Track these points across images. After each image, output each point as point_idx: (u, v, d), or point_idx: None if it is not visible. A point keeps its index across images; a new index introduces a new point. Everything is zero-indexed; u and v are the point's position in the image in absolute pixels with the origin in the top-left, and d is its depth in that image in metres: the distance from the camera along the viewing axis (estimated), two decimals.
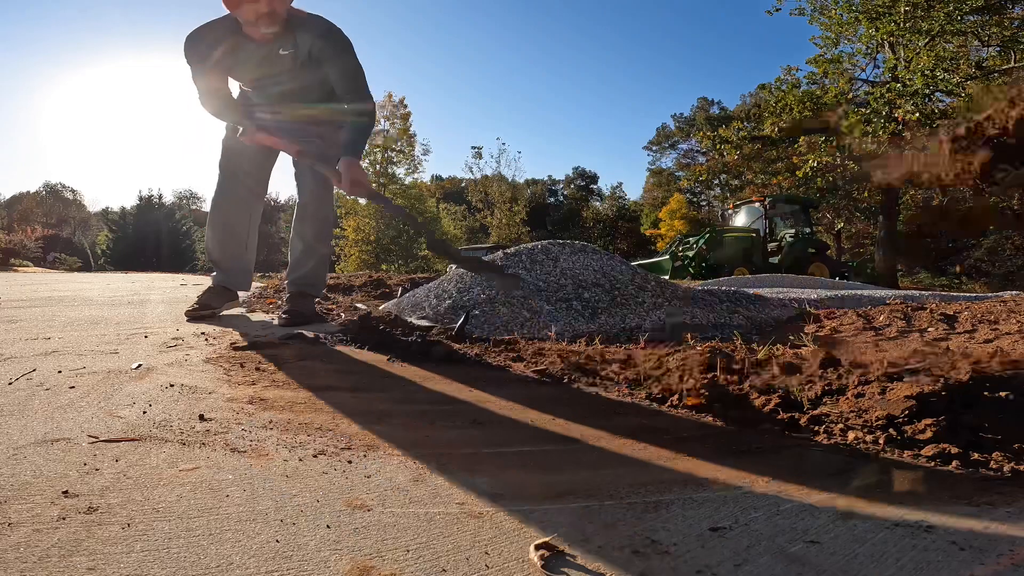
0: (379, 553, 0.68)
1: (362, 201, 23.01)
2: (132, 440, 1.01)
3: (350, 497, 0.83)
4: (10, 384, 1.33)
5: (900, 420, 1.15)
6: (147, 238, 25.73)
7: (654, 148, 42.70)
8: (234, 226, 2.39)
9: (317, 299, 2.58)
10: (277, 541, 0.70)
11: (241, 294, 2.70)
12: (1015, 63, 11.78)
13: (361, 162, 2.09)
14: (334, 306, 3.14)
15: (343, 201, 22.15)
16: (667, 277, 9.26)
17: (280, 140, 2.22)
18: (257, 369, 1.56)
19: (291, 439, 1.05)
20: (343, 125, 2.28)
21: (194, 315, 2.36)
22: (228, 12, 1.98)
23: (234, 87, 2.31)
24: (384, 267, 21.10)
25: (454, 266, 3.16)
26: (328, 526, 0.74)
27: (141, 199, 28.64)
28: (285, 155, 2.39)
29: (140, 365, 1.54)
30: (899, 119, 11.90)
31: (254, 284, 4.58)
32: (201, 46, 2.03)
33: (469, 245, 22.10)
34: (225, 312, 2.48)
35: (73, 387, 1.32)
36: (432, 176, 41.06)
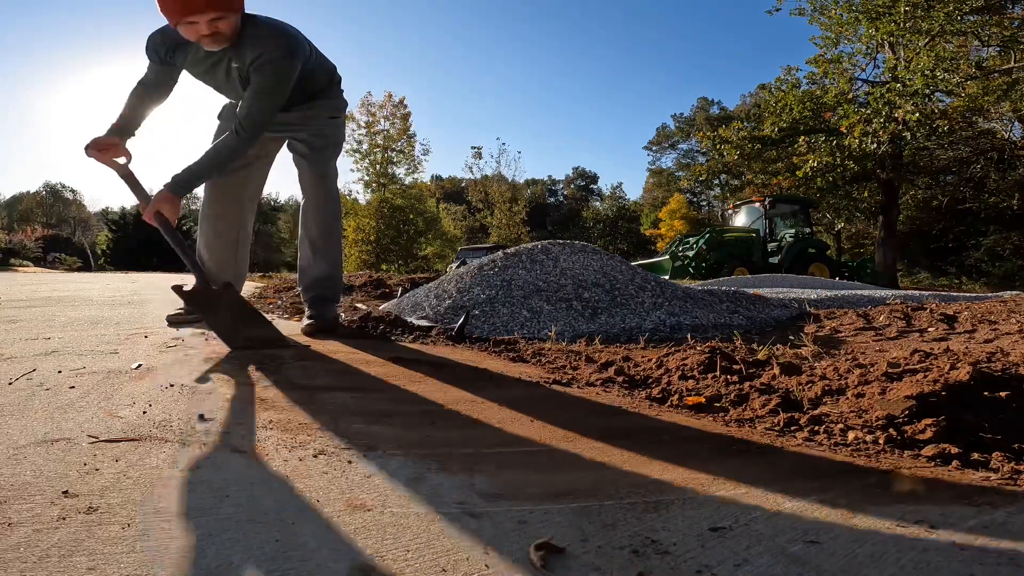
0: (379, 553, 0.68)
1: (362, 201, 23.03)
2: (132, 440, 1.01)
3: (350, 497, 0.83)
4: (10, 384, 1.33)
5: (900, 420, 1.15)
6: (147, 238, 25.72)
7: (654, 148, 42.78)
8: (223, 228, 2.22)
9: (339, 304, 2.40)
10: (277, 541, 0.70)
11: None
12: (1015, 63, 11.79)
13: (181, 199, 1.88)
14: None
15: (343, 201, 22.14)
16: (667, 277, 9.26)
17: (112, 161, 1.98)
18: (257, 369, 1.56)
19: (291, 439, 1.05)
20: (335, 115, 2.19)
21: (176, 321, 2.21)
22: None
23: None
24: (384, 267, 21.11)
25: (454, 265, 3.11)
26: (328, 526, 0.74)
27: None
28: (284, 153, 2.29)
29: (140, 365, 1.54)
30: (899, 119, 11.90)
31: (255, 284, 4.58)
32: (150, 45, 1.94)
33: (469, 245, 22.12)
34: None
35: (73, 387, 1.32)
36: (432, 176, 41.19)
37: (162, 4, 1.71)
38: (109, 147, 1.99)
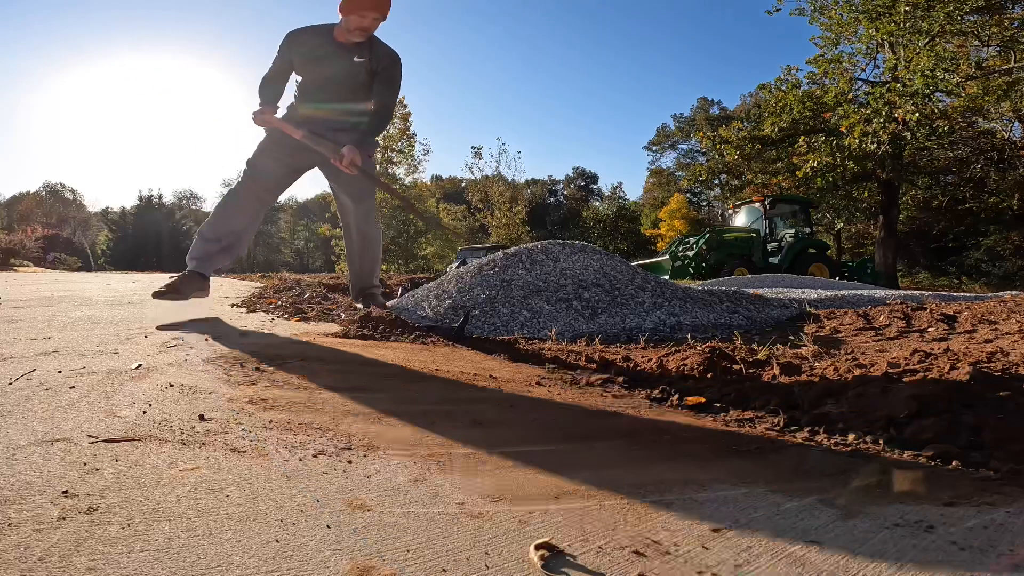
0: (379, 553, 0.68)
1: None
2: (132, 440, 1.01)
3: (350, 497, 0.83)
4: (10, 384, 1.33)
5: (900, 420, 1.15)
6: (147, 238, 25.75)
7: (654, 148, 42.78)
8: (235, 213, 2.61)
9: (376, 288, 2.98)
10: (277, 541, 0.70)
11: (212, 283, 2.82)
12: (1015, 63, 11.78)
13: (369, 157, 2.57)
14: (334, 306, 3.15)
15: None
16: (667, 277, 9.26)
17: (286, 124, 2.54)
18: (257, 369, 1.56)
19: (291, 439, 1.05)
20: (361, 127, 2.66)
21: (160, 295, 2.43)
22: (327, 22, 2.54)
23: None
24: (384, 267, 21.12)
25: (454, 265, 3.38)
26: (328, 526, 0.74)
27: (141, 199, 28.73)
28: (313, 172, 2.74)
29: (140, 365, 1.54)
30: (899, 119, 11.89)
31: (254, 284, 4.58)
32: (292, 38, 2.53)
33: (469, 245, 22.13)
34: (192, 299, 2.55)
35: (73, 387, 1.32)
36: (432, 176, 41.11)
37: None
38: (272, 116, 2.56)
